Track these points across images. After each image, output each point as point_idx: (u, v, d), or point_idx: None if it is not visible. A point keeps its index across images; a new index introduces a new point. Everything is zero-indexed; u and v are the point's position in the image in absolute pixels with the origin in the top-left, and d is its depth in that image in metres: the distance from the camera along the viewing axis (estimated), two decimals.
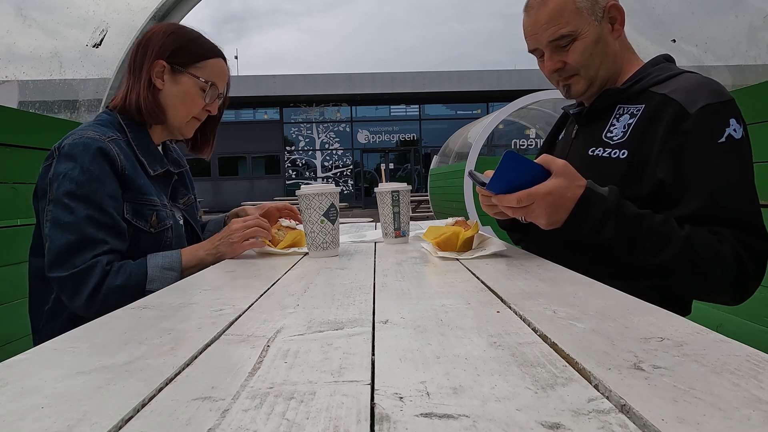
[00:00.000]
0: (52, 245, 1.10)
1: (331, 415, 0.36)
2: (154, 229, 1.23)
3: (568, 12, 1.13)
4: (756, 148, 1.74)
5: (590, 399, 0.37)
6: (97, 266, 1.10)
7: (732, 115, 1.02)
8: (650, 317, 0.58)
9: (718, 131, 1.01)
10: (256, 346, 0.52)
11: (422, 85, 19.06)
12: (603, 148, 1.14)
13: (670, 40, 2.19)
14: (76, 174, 1.12)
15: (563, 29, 1.13)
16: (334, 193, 1.21)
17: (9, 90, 1.93)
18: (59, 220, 1.11)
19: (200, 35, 1.33)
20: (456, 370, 0.44)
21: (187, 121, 1.33)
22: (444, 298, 0.71)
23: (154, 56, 1.26)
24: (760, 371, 0.41)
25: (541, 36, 1.16)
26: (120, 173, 1.18)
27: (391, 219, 1.40)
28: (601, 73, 1.18)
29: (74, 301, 1.10)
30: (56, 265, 1.10)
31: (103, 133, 1.19)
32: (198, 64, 1.29)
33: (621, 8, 1.16)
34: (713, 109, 1.02)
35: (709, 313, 1.96)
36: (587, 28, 1.14)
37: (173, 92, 1.28)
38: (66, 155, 1.14)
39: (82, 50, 2.17)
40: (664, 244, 0.97)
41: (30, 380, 0.45)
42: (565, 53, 1.16)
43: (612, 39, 1.17)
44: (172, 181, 1.37)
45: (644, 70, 1.17)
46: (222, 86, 1.35)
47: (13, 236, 1.69)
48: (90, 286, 1.09)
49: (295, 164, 20.38)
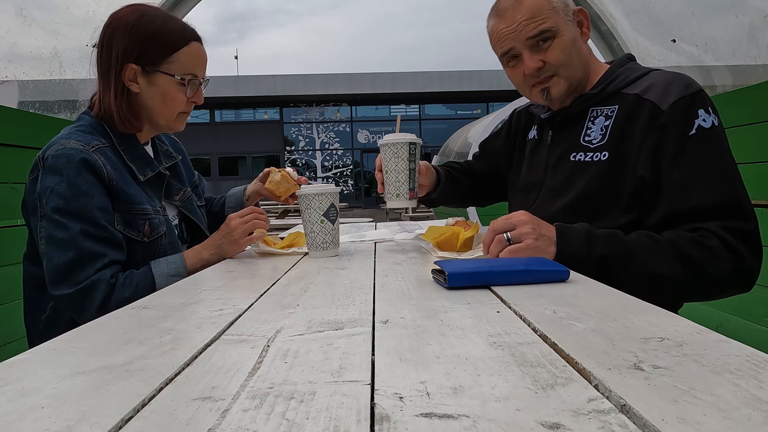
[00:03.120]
0: (50, 263, 1.08)
1: (331, 415, 0.36)
2: (147, 238, 1.18)
3: (546, 9, 1.12)
4: (756, 148, 1.73)
5: (590, 399, 0.37)
6: (101, 281, 1.08)
7: (700, 106, 1.05)
8: (650, 317, 0.58)
9: (689, 124, 1.03)
10: (256, 346, 0.52)
11: (422, 85, 19.06)
12: (584, 153, 1.15)
13: (670, 40, 2.19)
14: (63, 189, 1.08)
15: (543, 24, 1.12)
16: (334, 193, 1.20)
17: (9, 90, 1.93)
18: (54, 237, 1.08)
19: (165, 20, 1.19)
20: (456, 370, 0.44)
21: (174, 118, 1.25)
22: (444, 298, 0.71)
23: (121, 60, 1.17)
24: (760, 371, 0.41)
25: (520, 33, 1.13)
26: (108, 184, 1.13)
27: (406, 177, 1.23)
28: (577, 75, 1.18)
29: (83, 317, 1.07)
30: (58, 282, 1.08)
31: (87, 141, 1.13)
32: (170, 58, 1.18)
33: (587, 13, 1.19)
34: (683, 102, 1.04)
35: (709, 313, 1.96)
36: (565, 27, 1.13)
37: (151, 94, 1.20)
38: (50, 168, 1.09)
39: (82, 50, 2.17)
40: (655, 253, 0.97)
41: (30, 380, 0.45)
42: (545, 52, 1.14)
43: (584, 43, 1.19)
44: (165, 179, 1.31)
45: (612, 72, 1.19)
46: (202, 71, 1.24)
47: (13, 236, 1.69)
48: (97, 300, 1.07)
49: (295, 164, 20.39)
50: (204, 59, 1.26)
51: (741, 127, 1.81)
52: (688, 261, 0.95)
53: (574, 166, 1.17)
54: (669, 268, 0.95)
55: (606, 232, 1.00)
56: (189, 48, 1.21)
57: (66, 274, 1.07)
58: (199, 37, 1.24)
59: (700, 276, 0.96)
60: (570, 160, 1.18)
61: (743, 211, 1.00)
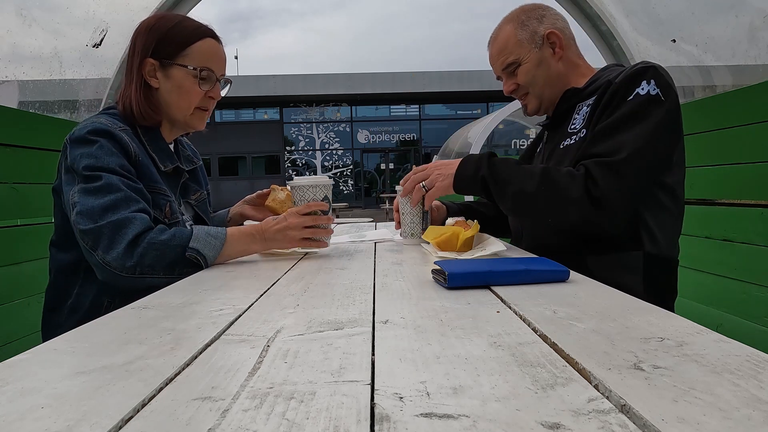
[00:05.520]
0: (83, 209, 1.06)
1: (331, 415, 0.36)
2: (168, 219, 1.19)
3: (510, 44, 1.35)
4: (756, 148, 1.73)
5: (590, 399, 0.37)
6: (136, 219, 1.06)
7: (646, 78, 1.15)
8: (650, 317, 0.58)
9: (629, 90, 1.15)
10: (256, 346, 0.52)
11: (422, 85, 19.05)
12: (569, 138, 1.29)
13: (670, 40, 2.19)
14: (93, 150, 1.10)
15: (508, 59, 1.36)
16: (327, 185, 1.20)
17: (9, 90, 1.93)
18: (88, 189, 1.08)
19: (183, 20, 1.26)
20: (456, 370, 0.44)
21: (191, 113, 1.27)
22: (444, 298, 0.71)
23: (141, 55, 1.23)
24: (760, 371, 0.41)
25: (495, 66, 1.41)
26: (134, 159, 1.15)
27: (419, 219, 1.37)
28: (546, 91, 1.36)
29: (109, 252, 1.04)
30: (90, 219, 1.05)
31: (115, 123, 1.17)
32: (184, 51, 1.23)
33: (559, 34, 1.35)
34: (631, 73, 1.17)
35: (709, 313, 1.96)
36: (528, 55, 1.35)
37: (168, 88, 1.24)
38: (78, 140, 1.12)
39: (82, 50, 2.17)
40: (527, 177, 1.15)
41: (30, 380, 0.45)
42: (515, 77, 1.38)
43: (554, 61, 1.35)
44: (182, 178, 1.33)
45: (599, 74, 1.33)
46: (219, 67, 1.28)
47: (13, 236, 1.69)
48: (129, 236, 1.04)
49: (295, 164, 20.38)
50: (220, 56, 1.29)
51: (741, 127, 1.81)
52: (551, 183, 1.13)
53: (562, 153, 1.29)
54: (534, 188, 1.13)
55: (500, 160, 1.22)
56: (203, 42, 1.25)
57: (99, 213, 1.05)
58: (216, 36, 1.29)
59: (557, 195, 1.12)
60: (560, 148, 1.31)
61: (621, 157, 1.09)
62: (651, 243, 1.18)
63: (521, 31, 1.34)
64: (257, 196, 1.55)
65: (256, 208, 1.55)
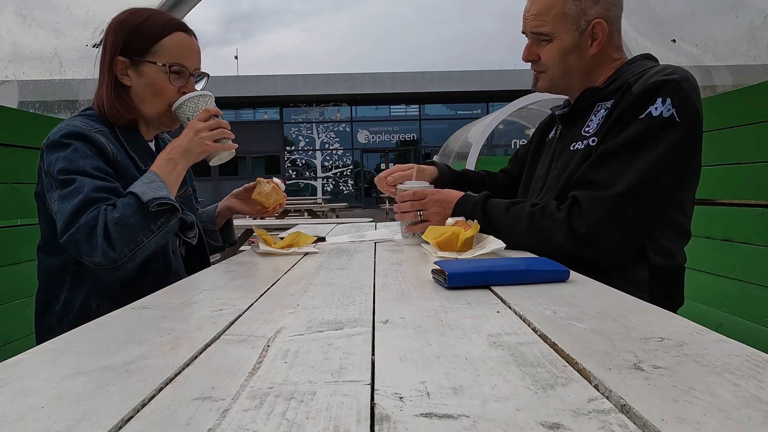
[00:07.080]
0: (60, 216, 1.08)
1: (331, 415, 0.36)
2: None
3: (553, 13, 1.20)
4: (756, 148, 1.73)
5: (590, 399, 0.37)
6: (99, 213, 1.07)
7: (662, 95, 1.07)
8: (650, 317, 0.58)
9: (642, 108, 1.07)
10: (256, 346, 0.52)
11: (422, 85, 19.06)
12: (581, 142, 1.21)
13: (670, 40, 2.19)
14: (67, 153, 1.10)
15: (542, 27, 1.21)
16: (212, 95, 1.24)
17: (9, 90, 1.93)
18: (64, 194, 1.09)
19: (151, 14, 1.22)
20: (456, 370, 0.44)
21: (165, 111, 1.24)
22: (444, 298, 0.71)
23: (110, 53, 1.20)
24: (760, 371, 0.41)
25: (527, 24, 1.25)
26: (111, 160, 1.14)
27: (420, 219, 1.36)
28: (564, 81, 1.26)
29: (94, 255, 1.05)
30: (65, 228, 1.06)
31: (90, 125, 1.16)
32: (154, 47, 1.20)
33: (606, 26, 1.21)
34: (648, 87, 1.08)
35: (709, 313, 1.96)
36: (565, 35, 1.20)
37: (140, 86, 1.22)
38: (53, 144, 1.12)
39: (82, 50, 2.17)
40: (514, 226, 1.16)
41: (30, 380, 0.45)
42: (541, 49, 1.24)
43: (588, 53, 1.22)
44: None
45: (622, 70, 1.22)
46: (191, 62, 1.24)
47: (13, 236, 1.69)
48: (100, 232, 1.05)
49: (295, 164, 20.38)
50: (193, 50, 1.26)
51: (741, 127, 1.81)
52: (537, 232, 1.13)
53: (571, 155, 1.22)
54: (524, 236, 1.14)
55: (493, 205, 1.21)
56: (173, 37, 1.22)
57: (73, 219, 1.06)
58: (187, 29, 1.25)
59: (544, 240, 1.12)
60: (570, 149, 1.23)
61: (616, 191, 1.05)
62: (657, 255, 1.13)
63: (572, 4, 1.19)
64: (244, 190, 1.55)
65: (243, 202, 1.54)
